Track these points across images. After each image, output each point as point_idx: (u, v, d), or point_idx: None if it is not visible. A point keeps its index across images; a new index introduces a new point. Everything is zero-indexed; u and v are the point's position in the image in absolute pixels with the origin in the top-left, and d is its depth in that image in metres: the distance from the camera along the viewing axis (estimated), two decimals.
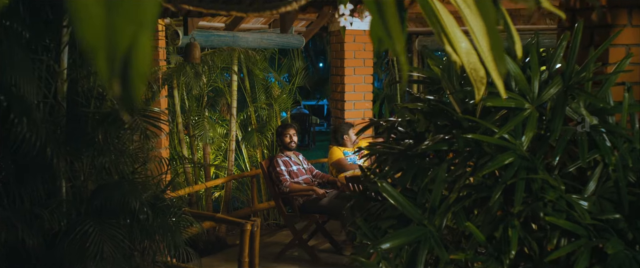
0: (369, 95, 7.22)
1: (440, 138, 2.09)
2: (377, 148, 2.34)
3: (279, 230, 6.54)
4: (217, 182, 5.98)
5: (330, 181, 5.52)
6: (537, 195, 1.79)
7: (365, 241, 2.30)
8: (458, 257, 1.78)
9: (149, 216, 2.97)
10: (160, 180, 3.33)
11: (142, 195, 3.02)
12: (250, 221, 3.67)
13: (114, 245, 2.79)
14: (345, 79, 7.05)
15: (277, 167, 5.26)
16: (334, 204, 5.08)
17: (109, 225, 2.83)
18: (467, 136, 1.85)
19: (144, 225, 3.02)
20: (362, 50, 7.15)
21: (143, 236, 3.01)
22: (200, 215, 4.20)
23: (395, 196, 1.90)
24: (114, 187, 2.88)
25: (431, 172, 2.04)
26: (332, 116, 7.54)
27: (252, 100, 6.95)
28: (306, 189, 5.23)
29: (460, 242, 2.03)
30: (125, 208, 2.90)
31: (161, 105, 4.15)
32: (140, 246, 3.12)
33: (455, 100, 2.18)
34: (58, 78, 2.89)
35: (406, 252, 2.10)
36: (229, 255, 5.47)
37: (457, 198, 1.92)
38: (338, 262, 5.16)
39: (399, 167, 2.24)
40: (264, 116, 7.15)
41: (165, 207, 3.13)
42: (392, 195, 1.90)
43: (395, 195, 1.90)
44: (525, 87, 1.96)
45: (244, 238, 3.65)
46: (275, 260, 5.21)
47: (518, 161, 1.84)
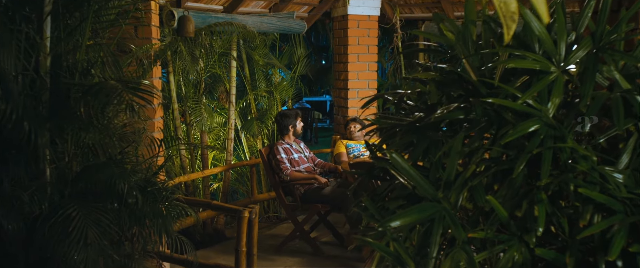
0: (373, 84, 7.05)
1: (455, 106, 1.92)
2: (384, 121, 2.17)
3: (279, 222, 6.38)
4: (215, 171, 5.81)
5: (332, 170, 5.35)
6: (566, 166, 1.61)
7: (373, 222, 2.14)
8: (477, 234, 1.61)
9: (138, 200, 2.80)
10: (152, 163, 3.16)
11: (132, 178, 2.86)
12: (248, 208, 3.50)
13: (100, 230, 2.62)
14: (349, 67, 6.89)
15: (278, 155, 5.08)
16: (337, 193, 4.90)
17: (94, 209, 2.66)
18: (487, 100, 1.67)
19: (133, 210, 2.85)
20: (366, 36, 6.99)
21: (132, 222, 2.84)
22: (194, 202, 4.04)
23: (406, 168, 1.73)
24: (100, 169, 2.71)
25: (445, 145, 1.86)
26: (335, 105, 7.37)
27: (252, 88, 6.78)
28: (308, 177, 5.06)
29: (477, 221, 1.86)
30: (112, 192, 2.73)
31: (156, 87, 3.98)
32: (129, 233, 2.95)
33: (470, 66, 2.01)
34: (40, 51, 2.72)
35: (417, 233, 1.93)
36: (226, 247, 5.30)
37: (475, 172, 1.74)
38: (341, 254, 4.99)
39: (409, 141, 2.07)
40: (264, 105, 6.98)
41: (156, 191, 2.96)
42: (402, 168, 1.73)
43: (406, 168, 1.73)
44: (551, 48, 1.78)
45: (241, 226, 3.48)
46: (275, 252, 5.05)
47: (544, 129, 1.66)
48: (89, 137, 2.48)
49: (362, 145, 5.84)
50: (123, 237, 2.97)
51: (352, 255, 4.92)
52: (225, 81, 6.35)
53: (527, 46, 1.85)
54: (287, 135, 5.30)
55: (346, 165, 5.06)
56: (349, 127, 5.96)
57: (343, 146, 5.83)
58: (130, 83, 2.50)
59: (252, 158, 6.33)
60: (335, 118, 7.29)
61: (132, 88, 2.46)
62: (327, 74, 9.40)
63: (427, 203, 1.74)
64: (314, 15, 6.92)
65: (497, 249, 1.65)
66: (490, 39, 2.05)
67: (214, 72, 6.27)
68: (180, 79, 5.77)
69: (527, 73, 1.85)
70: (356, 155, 5.72)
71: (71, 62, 2.79)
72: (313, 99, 14.96)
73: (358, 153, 5.74)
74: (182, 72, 5.73)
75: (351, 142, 5.89)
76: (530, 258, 1.64)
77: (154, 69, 3.90)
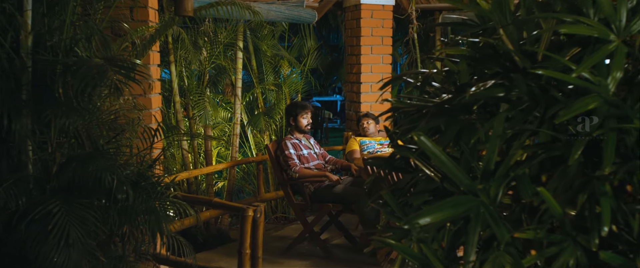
0: (387, 77, 6.78)
1: (492, 84, 1.66)
2: (406, 103, 1.91)
3: (288, 223, 6.13)
4: (218, 167, 5.56)
5: (344, 167, 5.09)
6: (633, 152, 1.35)
7: (394, 221, 1.89)
8: (526, 235, 1.34)
9: (128, 196, 2.56)
10: (146, 156, 2.92)
11: (123, 171, 2.62)
12: (252, 206, 3.25)
13: (84, 229, 2.38)
14: (362, 59, 6.65)
15: (286, 151, 4.83)
16: (350, 192, 4.65)
17: (78, 206, 2.43)
18: (536, 71, 1.41)
19: (124, 207, 2.61)
20: (380, 27, 6.74)
21: (122, 220, 2.60)
22: (193, 200, 3.80)
23: (438, 154, 1.47)
24: (85, 160, 2.47)
25: (481, 129, 1.60)
26: (347, 100, 7.11)
27: (259, 81, 6.54)
28: (318, 175, 4.81)
29: (519, 219, 1.60)
30: (100, 187, 2.49)
31: (153, 75, 3.74)
32: (119, 232, 2.71)
33: (509, 38, 1.75)
34: (21, 29, 2.49)
35: (448, 232, 1.67)
36: (230, 249, 5.06)
37: (519, 161, 1.48)
38: (354, 258, 4.74)
39: (436, 126, 1.81)
40: (272, 99, 6.73)
41: (149, 187, 2.72)
42: (433, 153, 1.47)
43: (437, 153, 1.47)
44: (610, 13, 1.52)
45: (244, 226, 3.23)
46: (282, 255, 4.79)
47: (605, 107, 1.40)
48: (71, 123, 2.23)
49: (377, 142, 5.58)
50: (112, 236, 2.74)
51: (366, 258, 4.66)
52: (231, 73, 6.11)
53: (579, 11, 1.59)
54: (294, 130, 5.04)
55: (360, 162, 4.79)
56: (361, 122, 5.71)
57: (356, 143, 5.57)
58: (117, 61, 2.25)
59: (259, 154, 6.08)
60: (347, 114, 7.04)
61: (118, 66, 2.21)
62: (338, 68, 9.11)
63: (462, 196, 1.48)
64: (325, 4, 6.68)
65: (547, 252, 1.39)
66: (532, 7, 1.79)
67: (219, 64, 6.03)
68: (183, 70, 5.54)
69: (579, 44, 1.59)
70: (371, 152, 5.46)
71: (55, 42, 2.55)
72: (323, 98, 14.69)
73: (373, 150, 5.48)
74: (185, 63, 5.50)
75: (365, 138, 5.63)
76: (587, 263, 1.39)
77: (151, 56, 3.66)
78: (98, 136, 2.62)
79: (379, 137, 5.69)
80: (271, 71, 6.58)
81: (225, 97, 6.50)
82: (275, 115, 6.40)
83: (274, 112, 6.42)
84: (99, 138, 2.62)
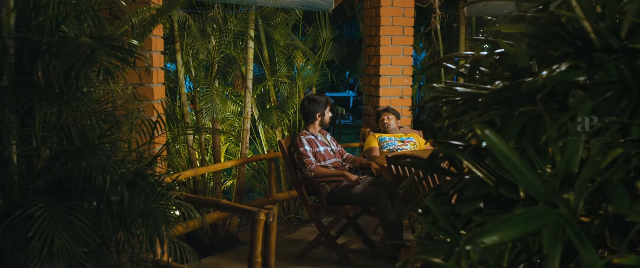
0: (408, 70, 6.49)
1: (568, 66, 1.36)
2: (451, 91, 1.62)
3: (301, 226, 5.86)
4: (227, 165, 5.30)
5: (363, 165, 4.80)
6: None
7: (436, 233, 1.60)
8: (627, 260, 1.05)
9: (123, 198, 2.28)
10: (145, 153, 2.65)
11: (117, 169, 2.34)
12: (264, 209, 2.98)
13: (71, 235, 2.11)
14: (381, 50, 6.35)
15: (301, 147, 4.55)
16: (370, 193, 4.36)
17: (65, 209, 2.16)
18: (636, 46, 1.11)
19: (118, 210, 2.34)
20: (401, 16, 6.43)
21: (116, 224, 2.32)
22: (199, 201, 3.52)
23: (506, 153, 1.18)
24: (74, 156, 2.20)
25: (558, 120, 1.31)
26: (364, 94, 6.82)
27: (271, 73, 6.25)
28: (335, 174, 4.52)
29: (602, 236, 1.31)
30: (91, 187, 2.22)
31: (155, 62, 3.47)
32: (114, 238, 2.44)
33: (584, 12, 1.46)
34: (2, 6, 2.22)
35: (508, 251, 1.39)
36: (239, 253, 4.80)
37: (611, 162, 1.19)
38: (373, 264, 4.45)
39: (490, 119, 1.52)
40: (285, 92, 6.45)
41: (148, 187, 2.44)
42: (501, 152, 1.18)
43: (505, 152, 1.18)
44: None
45: (255, 231, 2.95)
46: (296, 261, 4.51)
47: None
48: (53, 113, 1.96)
49: (397, 139, 5.28)
50: (105, 243, 2.47)
51: (386, 265, 4.38)
52: (241, 64, 5.83)
53: None
54: (312, 125, 4.76)
55: (382, 161, 4.49)
56: (381, 118, 5.41)
57: (375, 140, 5.28)
58: (109, 40, 1.97)
59: (271, 151, 5.81)
60: (365, 109, 6.75)
61: (110, 47, 1.94)
62: (355, 59, 8.81)
63: (538, 208, 1.18)
64: None
65: None
66: None
67: (228, 54, 5.76)
68: (190, 59, 5.27)
69: None
70: (391, 150, 5.16)
71: (42, 21, 2.28)
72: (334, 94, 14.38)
73: (393, 147, 5.19)
74: (191, 52, 5.23)
75: (385, 135, 5.33)
76: None
77: (153, 41, 3.39)
78: (89, 129, 2.34)
79: (399, 134, 5.40)
80: (284, 62, 6.29)
81: (235, 89, 6.23)
82: (288, 110, 6.12)
83: (287, 106, 6.13)
84: (90, 131, 2.34)
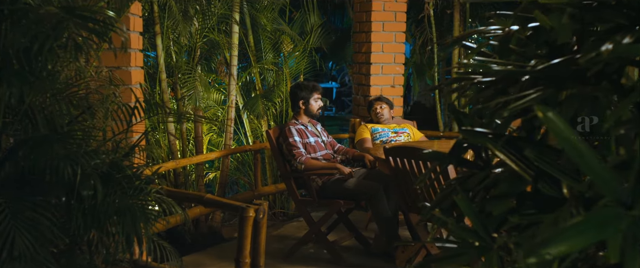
0: (400, 57, 6.29)
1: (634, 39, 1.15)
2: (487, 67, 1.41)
3: (287, 221, 5.64)
4: (210, 157, 5.06)
5: (356, 157, 4.58)
6: None
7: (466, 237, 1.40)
8: None
9: (97, 192, 2.05)
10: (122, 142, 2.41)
11: (90, 160, 2.10)
12: (253, 205, 2.75)
13: (36, 236, 1.87)
14: (372, 36, 6.14)
15: (290, 138, 4.32)
16: (363, 187, 4.15)
17: (29, 205, 1.92)
18: None
19: (91, 206, 2.10)
20: (394, 1, 6.21)
21: (88, 222, 2.08)
22: (181, 196, 3.29)
23: (573, 140, 0.96)
24: (40, 144, 1.95)
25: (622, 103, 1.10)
26: (354, 83, 6.60)
27: (257, 59, 6.00)
28: (327, 166, 4.30)
29: None
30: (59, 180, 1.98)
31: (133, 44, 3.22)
32: (86, 238, 2.20)
33: None
34: None
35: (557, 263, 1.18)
36: (223, 250, 4.57)
37: None
38: (367, 263, 4.25)
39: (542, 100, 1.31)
40: (271, 80, 6.21)
41: (124, 180, 2.21)
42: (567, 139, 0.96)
43: (572, 140, 0.96)
44: None
45: (244, 229, 2.73)
46: (284, 259, 4.29)
47: None
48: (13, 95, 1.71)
49: (391, 130, 5.08)
50: (76, 244, 2.23)
51: (382, 264, 4.18)
52: (225, 50, 5.58)
53: None
54: (300, 114, 4.53)
55: (378, 153, 4.28)
56: (374, 107, 5.20)
57: (367, 131, 5.07)
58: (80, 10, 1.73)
59: (258, 142, 5.57)
60: (354, 98, 6.54)
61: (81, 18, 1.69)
62: (344, 46, 8.58)
63: (608, 210, 0.97)
64: None
65: None
66: None
67: (211, 38, 5.50)
68: (171, 44, 5.01)
69: None
70: (384, 141, 4.96)
71: None
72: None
73: (386, 138, 4.98)
74: (172, 35, 4.97)
75: (377, 125, 5.12)
76: None
77: (131, 20, 3.14)
78: (58, 115, 2.10)
79: (393, 124, 5.20)
80: (271, 48, 6.05)
81: (219, 76, 5.98)
82: (274, 98, 5.88)
83: (274, 95, 5.90)
84: (58, 117, 2.10)
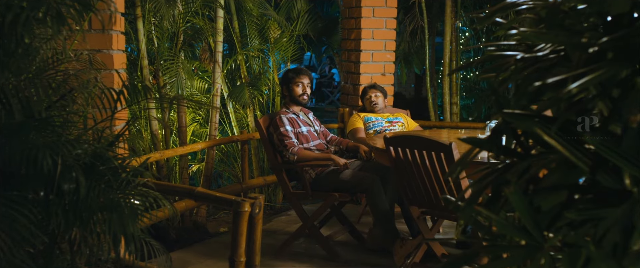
0: (391, 44, 6.13)
1: None
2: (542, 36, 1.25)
3: (275, 215, 5.46)
4: (197, 147, 4.85)
5: (350, 148, 4.41)
6: None
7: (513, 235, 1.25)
8: None
9: (79, 186, 1.85)
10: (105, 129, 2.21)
11: (72, 150, 1.91)
12: (249, 199, 2.57)
13: (11, 235, 1.67)
14: (362, 23, 5.97)
15: (281, 127, 4.13)
16: (360, 179, 3.98)
17: (3, 201, 1.72)
18: None
19: (73, 201, 1.91)
20: None
21: (70, 220, 1.89)
22: (169, 190, 3.09)
23: None
24: (14, 133, 1.75)
25: None
26: (343, 71, 6.43)
27: (242, 46, 5.80)
28: (321, 157, 4.12)
29: None
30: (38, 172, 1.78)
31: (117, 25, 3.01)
32: (67, 236, 2.00)
33: None
34: None
35: None
36: (209, 247, 4.38)
37: None
38: (364, 259, 4.09)
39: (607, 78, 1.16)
40: (257, 67, 6.01)
41: (110, 173, 2.01)
42: None
43: None
44: None
45: (239, 225, 2.55)
46: (276, 256, 4.11)
47: None
48: None
49: (385, 119, 4.91)
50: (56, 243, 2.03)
51: (379, 260, 4.03)
52: (209, 36, 5.36)
53: None
54: (288, 102, 4.34)
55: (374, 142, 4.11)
56: (368, 95, 5.03)
57: (360, 120, 4.90)
58: None
59: (245, 132, 5.38)
60: (343, 87, 6.37)
61: None
62: (332, 34, 8.40)
63: None
64: None
65: None
66: None
67: (195, 23, 5.28)
68: (152, 28, 4.78)
69: None
70: (378, 131, 4.80)
71: None
72: None
73: (380, 128, 4.82)
74: (154, 20, 4.75)
75: (371, 114, 4.96)
76: None
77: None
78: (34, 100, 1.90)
79: (386, 114, 5.03)
80: (257, 35, 5.84)
81: (202, 64, 5.76)
82: (261, 86, 5.69)
83: (260, 83, 5.70)
84: (36, 102, 1.90)
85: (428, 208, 3.54)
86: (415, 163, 3.32)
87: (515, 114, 1.33)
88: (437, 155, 3.22)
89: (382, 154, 3.69)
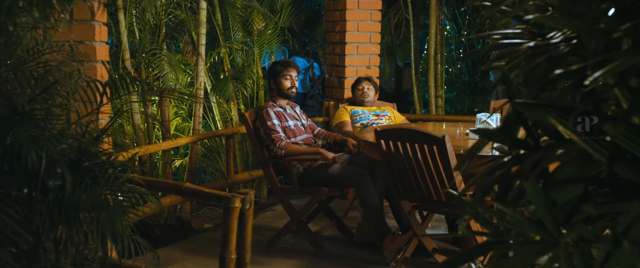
0: (376, 37, 6.09)
1: None
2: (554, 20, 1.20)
3: (260, 210, 5.39)
4: (181, 142, 4.76)
5: (338, 142, 4.36)
6: None
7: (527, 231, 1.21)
8: None
9: (65, 182, 1.78)
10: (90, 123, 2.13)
11: (57, 145, 1.83)
12: (239, 194, 2.50)
13: None
14: (347, 15, 5.92)
15: (268, 121, 4.06)
16: (348, 173, 3.93)
17: None
18: None
19: (58, 198, 1.83)
20: None
21: (55, 218, 1.81)
22: (157, 185, 3.01)
23: None
24: None
25: None
26: (327, 64, 6.37)
27: (225, 38, 5.71)
28: (309, 152, 4.06)
29: None
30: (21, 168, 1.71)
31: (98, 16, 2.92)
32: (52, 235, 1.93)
33: None
34: None
35: None
36: (194, 243, 4.30)
37: None
38: (352, 254, 4.04)
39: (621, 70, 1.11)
40: (241, 60, 5.92)
41: (96, 168, 1.94)
42: None
43: None
44: None
45: (229, 222, 2.48)
46: (264, 252, 4.05)
47: None
48: None
49: (372, 112, 4.87)
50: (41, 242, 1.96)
51: (368, 255, 3.98)
52: (192, 28, 5.27)
53: None
54: (275, 96, 4.27)
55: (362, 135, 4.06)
56: (360, 86, 4.97)
57: (347, 113, 4.85)
58: None
59: (229, 126, 5.29)
60: (328, 80, 6.31)
61: None
62: (315, 26, 8.33)
63: None
64: None
65: None
66: None
67: (176, 15, 5.18)
68: (134, 21, 4.68)
69: None
70: (365, 124, 4.75)
71: None
72: None
73: (367, 121, 4.77)
74: (136, 12, 4.64)
75: (358, 108, 4.91)
76: None
77: None
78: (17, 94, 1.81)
79: (373, 107, 4.99)
80: (240, 27, 5.75)
81: (185, 57, 5.66)
82: (245, 79, 5.60)
83: (244, 76, 5.61)
84: (18, 95, 1.81)
85: (419, 202, 3.50)
86: (407, 156, 3.27)
87: (528, 103, 1.28)
88: (430, 148, 3.18)
89: (372, 148, 3.64)
